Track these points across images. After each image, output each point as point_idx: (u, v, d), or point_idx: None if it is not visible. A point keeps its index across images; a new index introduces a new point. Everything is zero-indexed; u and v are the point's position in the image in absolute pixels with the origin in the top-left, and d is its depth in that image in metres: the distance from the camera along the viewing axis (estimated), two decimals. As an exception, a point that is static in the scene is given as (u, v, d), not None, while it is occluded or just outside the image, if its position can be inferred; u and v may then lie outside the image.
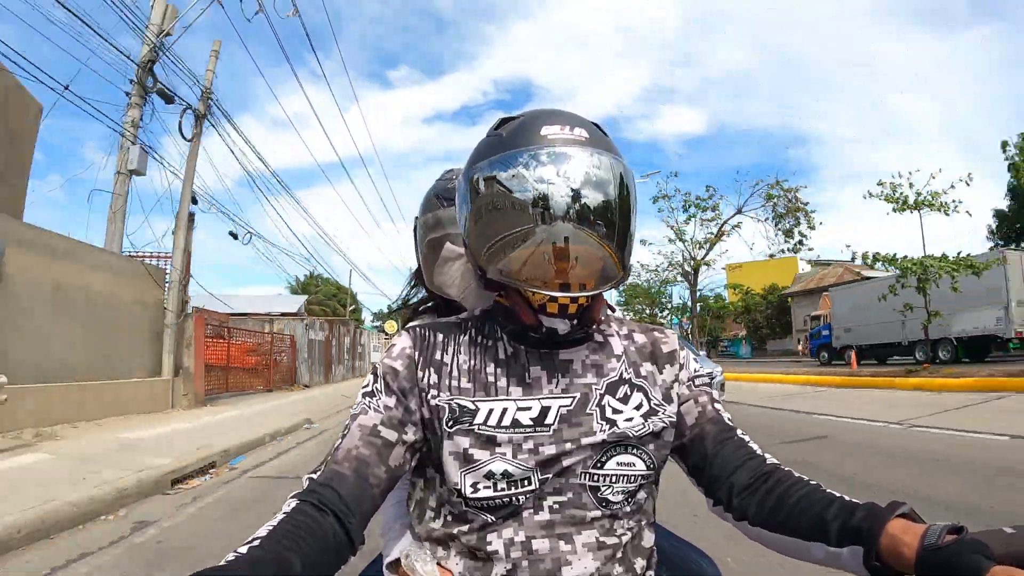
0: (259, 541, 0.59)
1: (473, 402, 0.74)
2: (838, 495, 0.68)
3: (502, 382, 0.75)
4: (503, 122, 0.78)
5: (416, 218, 1.14)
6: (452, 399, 0.74)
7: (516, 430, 0.72)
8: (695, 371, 0.84)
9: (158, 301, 9.76)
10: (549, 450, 0.72)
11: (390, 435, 0.73)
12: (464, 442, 0.71)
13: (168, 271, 10.10)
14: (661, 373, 0.81)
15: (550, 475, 0.72)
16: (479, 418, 0.72)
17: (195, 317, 10.49)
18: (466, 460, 0.71)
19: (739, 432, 0.80)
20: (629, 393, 0.78)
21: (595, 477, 0.73)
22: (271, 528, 0.61)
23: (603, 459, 0.73)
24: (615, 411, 0.75)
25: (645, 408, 0.77)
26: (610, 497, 0.73)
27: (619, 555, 0.73)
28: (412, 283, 1.25)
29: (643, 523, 0.78)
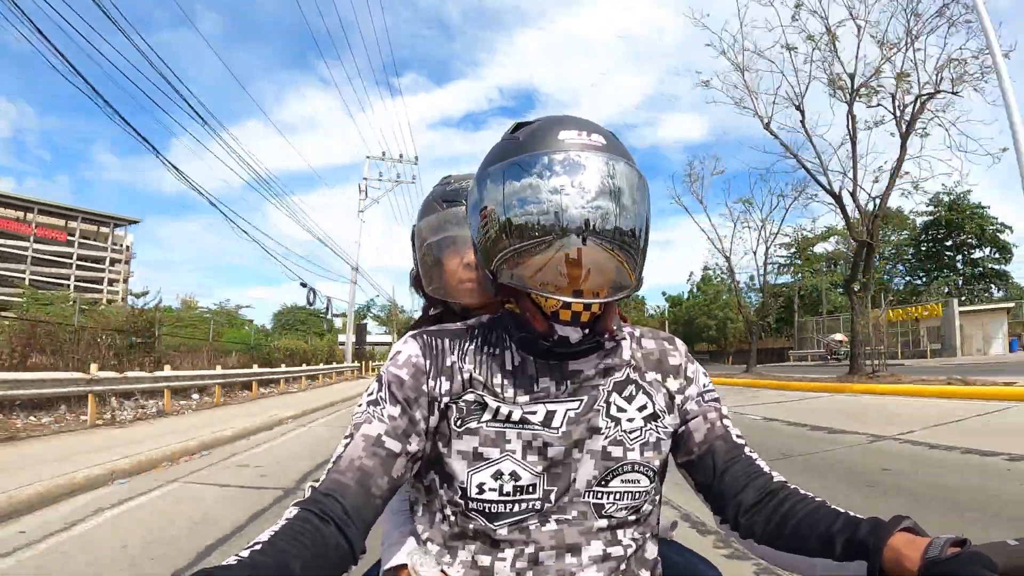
0: (261, 546, 0.59)
1: (482, 397, 0.73)
2: (843, 511, 0.68)
3: (509, 392, 0.75)
4: (519, 126, 0.77)
5: (414, 225, 1.13)
6: (462, 396, 0.74)
7: (524, 427, 0.72)
8: (704, 386, 0.83)
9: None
10: (557, 451, 0.72)
11: (394, 446, 0.72)
12: (474, 441, 0.72)
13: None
14: (664, 383, 0.81)
15: (556, 488, 0.72)
16: (487, 414, 0.72)
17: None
18: (475, 458, 0.71)
19: (747, 450, 0.80)
20: (634, 393, 0.78)
21: (599, 495, 0.73)
22: (273, 533, 0.61)
23: (608, 477, 0.74)
24: (619, 409, 0.76)
25: (648, 411, 0.77)
26: (615, 513, 0.73)
27: (623, 567, 0.73)
28: (411, 287, 1.24)
29: (647, 535, 0.78)
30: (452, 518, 0.74)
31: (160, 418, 9.25)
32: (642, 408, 0.77)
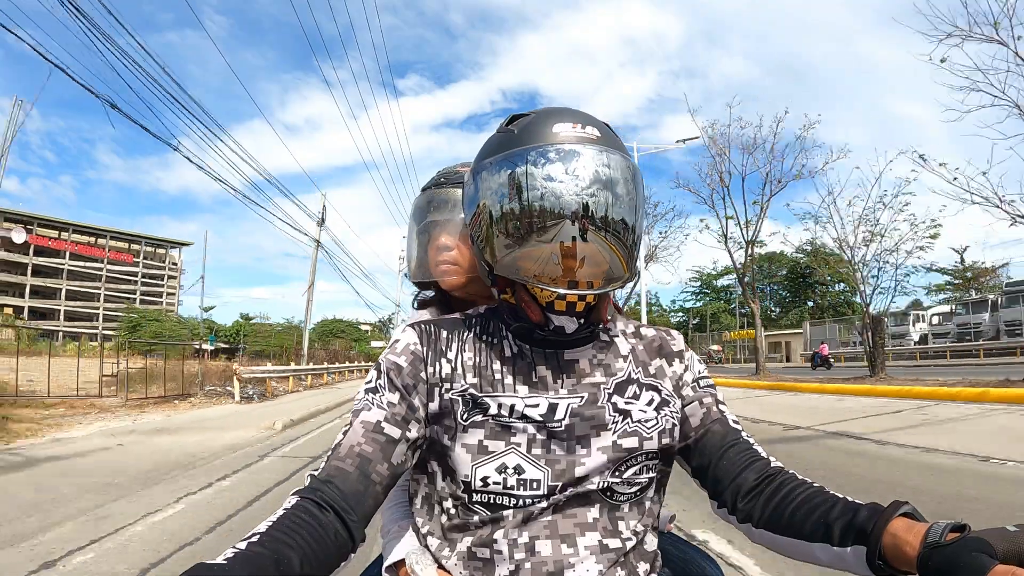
0: (259, 537, 0.52)
1: (483, 396, 0.65)
2: (841, 496, 0.60)
3: (508, 380, 0.66)
4: (514, 118, 0.71)
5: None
6: (466, 390, 0.65)
7: (528, 421, 0.63)
8: (699, 372, 0.76)
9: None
10: (561, 445, 0.63)
11: (393, 432, 0.64)
12: (479, 434, 0.63)
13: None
14: (671, 366, 0.74)
15: (561, 482, 0.63)
16: (492, 409, 0.64)
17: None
18: (480, 452, 0.63)
19: (744, 434, 0.72)
20: (639, 392, 0.69)
21: (609, 482, 0.65)
22: (271, 524, 0.54)
23: (622, 469, 0.65)
24: (627, 404, 0.68)
25: (657, 401, 0.69)
26: (621, 503, 0.65)
27: (622, 559, 0.65)
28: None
29: (648, 527, 0.69)
30: (452, 510, 0.65)
31: (323, 387, 16.61)
32: (651, 402, 0.69)
